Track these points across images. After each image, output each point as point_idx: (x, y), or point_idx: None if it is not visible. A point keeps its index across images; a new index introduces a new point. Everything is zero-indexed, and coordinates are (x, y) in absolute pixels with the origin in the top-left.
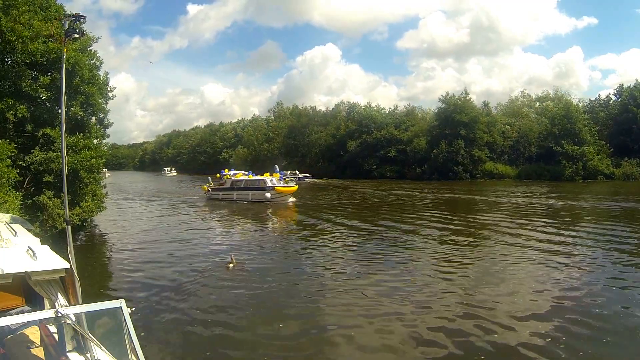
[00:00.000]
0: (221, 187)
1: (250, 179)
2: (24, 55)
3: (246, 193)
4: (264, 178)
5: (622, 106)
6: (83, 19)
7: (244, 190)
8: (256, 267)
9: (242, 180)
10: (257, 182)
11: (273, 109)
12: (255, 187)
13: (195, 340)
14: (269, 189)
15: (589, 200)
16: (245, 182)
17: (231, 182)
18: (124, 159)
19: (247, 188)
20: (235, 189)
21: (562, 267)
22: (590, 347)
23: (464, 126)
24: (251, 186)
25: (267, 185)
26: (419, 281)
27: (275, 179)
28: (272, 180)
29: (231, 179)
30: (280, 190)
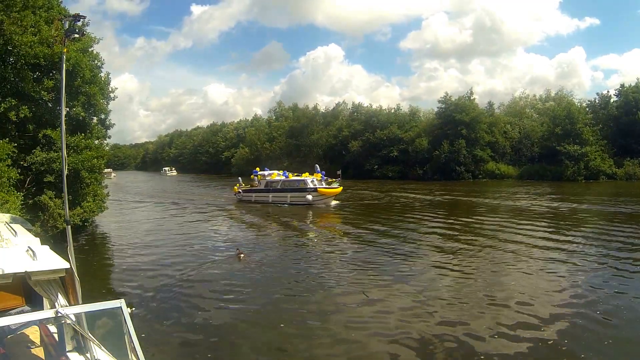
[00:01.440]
0: (254, 188)
1: (289, 180)
2: (27, 57)
3: (284, 195)
4: (305, 179)
5: (624, 106)
6: (83, 19)
7: (281, 191)
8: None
9: (278, 181)
10: (296, 183)
11: (274, 108)
12: (295, 189)
13: (196, 341)
14: (310, 190)
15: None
16: (283, 183)
17: (266, 182)
18: (126, 158)
19: (285, 189)
20: (271, 191)
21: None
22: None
23: (465, 126)
24: (289, 187)
25: (308, 186)
26: (420, 283)
27: (316, 180)
28: (313, 181)
29: (266, 179)
30: (323, 192)
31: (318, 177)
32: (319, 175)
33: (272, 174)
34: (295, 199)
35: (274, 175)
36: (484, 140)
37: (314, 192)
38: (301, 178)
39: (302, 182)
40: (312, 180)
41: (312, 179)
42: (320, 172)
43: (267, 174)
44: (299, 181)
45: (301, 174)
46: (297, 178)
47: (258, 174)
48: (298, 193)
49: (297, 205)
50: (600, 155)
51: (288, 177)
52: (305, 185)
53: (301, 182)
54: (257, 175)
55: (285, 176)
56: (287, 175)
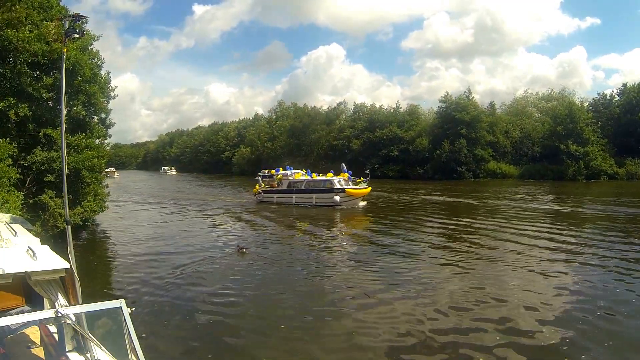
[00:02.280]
0: (275, 188)
1: (314, 180)
2: (25, 55)
3: (309, 196)
4: (331, 179)
5: (625, 106)
6: (83, 18)
7: (306, 192)
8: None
9: (303, 181)
10: (322, 183)
11: (274, 108)
12: (320, 189)
13: (196, 341)
14: (337, 191)
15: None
16: (307, 183)
17: (289, 183)
18: (127, 158)
19: (310, 190)
20: (295, 191)
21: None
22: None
23: (466, 125)
24: (315, 188)
25: (335, 186)
26: (421, 283)
27: (343, 180)
28: (340, 181)
29: (288, 179)
30: (352, 192)
31: (345, 177)
32: (345, 175)
33: (295, 173)
34: (321, 200)
35: (298, 175)
36: (485, 140)
37: (342, 192)
38: (327, 178)
39: (328, 182)
40: (339, 180)
41: (339, 179)
42: (347, 171)
43: (289, 174)
44: (325, 181)
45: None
46: (323, 178)
47: (279, 173)
48: (324, 194)
49: (323, 206)
50: (602, 155)
51: (313, 177)
52: (332, 186)
53: (327, 183)
54: (277, 175)
55: (309, 176)
56: (311, 175)
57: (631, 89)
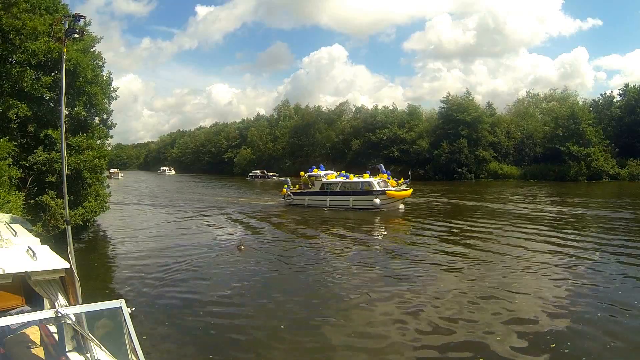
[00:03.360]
0: (307, 190)
1: (351, 181)
2: (26, 55)
3: (345, 198)
4: (370, 180)
5: (627, 106)
6: (83, 19)
7: (342, 194)
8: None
9: (338, 182)
10: (360, 185)
11: (277, 107)
12: (358, 191)
13: (196, 341)
14: (377, 193)
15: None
16: (344, 185)
17: (322, 184)
18: (128, 158)
19: (347, 192)
20: (329, 193)
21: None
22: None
23: (467, 126)
24: (352, 189)
25: (374, 188)
26: (423, 285)
27: (382, 181)
28: (380, 182)
29: (322, 180)
30: (393, 194)
31: (384, 178)
32: (384, 175)
33: (329, 174)
34: (359, 202)
35: (332, 176)
36: (486, 140)
37: (382, 195)
38: (366, 179)
39: (367, 183)
40: (378, 182)
41: (378, 180)
42: (386, 172)
43: (323, 174)
44: (364, 182)
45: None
46: (361, 179)
47: (314, 173)
48: (363, 196)
49: (360, 210)
50: (603, 156)
51: (349, 178)
52: (371, 188)
53: (366, 184)
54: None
55: (346, 177)
56: (347, 176)
57: (633, 90)
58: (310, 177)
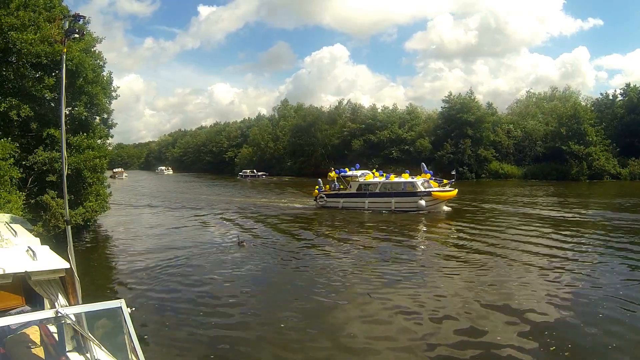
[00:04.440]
0: (341, 192)
1: (393, 182)
2: (28, 57)
3: (386, 200)
4: (414, 180)
5: (629, 106)
6: (83, 18)
7: (382, 196)
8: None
9: (377, 183)
10: (402, 186)
11: (277, 107)
12: (401, 192)
13: (197, 341)
14: (422, 194)
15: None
16: (384, 186)
17: (359, 185)
18: (129, 158)
19: (387, 194)
20: (368, 195)
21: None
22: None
23: (470, 126)
24: (393, 191)
25: (418, 189)
26: (425, 287)
27: (425, 181)
28: (424, 182)
29: (358, 181)
30: (439, 195)
31: (427, 178)
32: (427, 175)
33: (365, 174)
34: (401, 204)
35: (370, 176)
36: (488, 140)
37: (428, 196)
38: (408, 180)
39: (410, 184)
40: (422, 182)
41: (422, 181)
42: (429, 171)
43: (359, 174)
44: (407, 183)
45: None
46: (402, 179)
47: (348, 174)
48: (406, 198)
49: (402, 212)
50: (605, 155)
51: (390, 179)
52: (415, 188)
53: (409, 185)
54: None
55: (386, 177)
56: (388, 177)
57: (634, 89)
58: (345, 178)
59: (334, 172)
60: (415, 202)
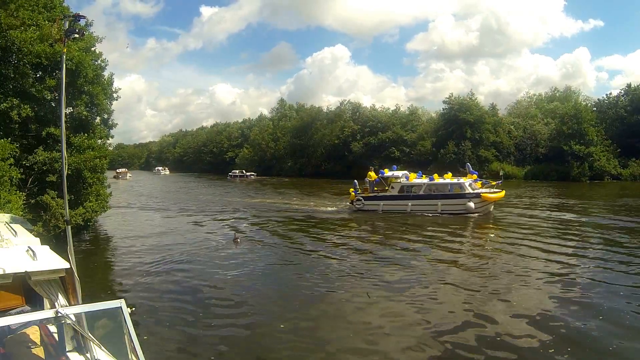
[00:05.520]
0: (381, 194)
1: (438, 183)
2: (28, 57)
3: (432, 203)
4: (461, 181)
5: (630, 106)
6: (83, 18)
7: (427, 198)
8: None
9: (421, 185)
10: (448, 187)
11: (276, 107)
12: (447, 194)
13: (196, 341)
14: (471, 196)
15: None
16: (429, 187)
17: (401, 187)
18: (129, 158)
19: (433, 195)
20: (411, 197)
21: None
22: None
23: (470, 126)
24: (439, 192)
25: (466, 190)
26: (426, 290)
27: (472, 182)
28: (471, 183)
29: (400, 182)
30: (488, 197)
31: (474, 179)
32: (474, 176)
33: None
34: (448, 207)
35: (413, 177)
36: (489, 141)
37: (477, 197)
38: (455, 181)
39: (457, 185)
40: (470, 184)
41: (470, 182)
42: (474, 172)
43: (401, 175)
44: (453, 184)
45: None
46: (448, 181)
47: (387, 175)
48: (453, 200)
49: (449, 215)
50: (605, 156)
51: (434, 180)
52: (463, 190)
53: (456, 186)
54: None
55: (430, 178)
56: (432, 178)
57: (636, 90)
58: (385, 179)
59: (373, 172)
60: (463, 205)
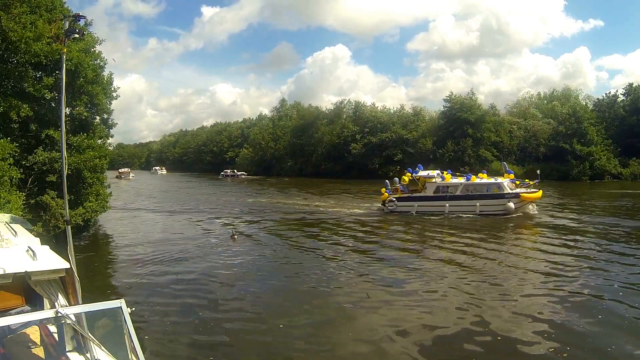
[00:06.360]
0: (415, 195)
1: (476, 183)
2: (27, 56)
3: (470, 203)
4: (499, 181)
5: (630, 106)
6: (83, 19)
7: (465, 199)
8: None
9: (458, 185)
10: (486, 187)
11: (277, 107)
12: (486, 195)
13: (196, 341)
14: (510, 196)
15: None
16: (466, 187)
17: (436, 187)
18: (129, 158)
19: (471, 196)
20: (448, 198)
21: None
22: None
23: (471, 125)
24: (477, 193)
25: (505, 190)
26: (422, 287)
27: (511, 182)
28: (509, 183)
29: (436, 183)
30: (527, 197)
31: (511, 178)
32: (511, 175)
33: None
34: (487, 207)
35: (449, 177)
36: (489, 140)
37: (516, 197)
38: (494, 181)
39: (495, 185)
40: (508, 183)
41: (508, 181)
42: (510, 171)
43: (436, 175)
44: (492, 184)
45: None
46: (486, 181)
47: (420, 174)
48: (492, 200)
49: (487, 215)
50: (606, 155)
51: (471, 180)
52: (502, 190)
53: (495, 186)
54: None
55: (467, 178)
56: (469, 177)
57: (637, 89)
58: (419, 179)
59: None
60: (503, 205)
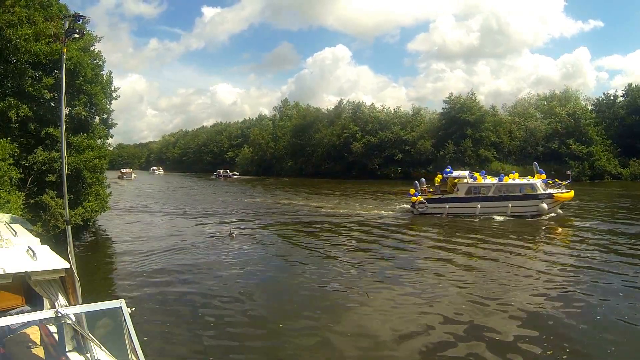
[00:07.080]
0: (446, 196)
1: (508, 184)
2: (27, 56)
3: (502, 204)
4: (532, 181)
5: (630, 106)
6: (83, 18)
7: (497, 200)
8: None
9: (490, 186)
10: (519, 188)
11: (278, 107)
12: (518, 195)
13: (196, 341)
14: (543, 197)
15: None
16: (498, 188)
17: (468, 188)
18: (129, 158)
19: (504, 197)
20: (480, 199)
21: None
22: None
23: (470, 126)
24: (510, 194)
25: (538, 191)
26: (420, 284)
27: (543, 182)
28: (542, 184)
29: (468, 183)
30: (560, 197)
31: (543, 179)
32: (543, 176)
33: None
34: (519, 208)
35: (481, 178)
36: (489, 140)
37: (549, 198)
38: (527, 181)
39: (528, 185)
40: (541, 184)
41: (540, 182)
42: (542, 171)
43: (467, 175)
44: (524, 185)
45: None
46: (519, 181)
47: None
48: (524, 201)
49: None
50: (605, 155)
51: (504, 180)
52: (535, 190)
53: (527, 186)
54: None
55: (499, 179)
56: (501, 178)
57: (636, 90)
58: (449, 180)
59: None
60: (536, 206)
